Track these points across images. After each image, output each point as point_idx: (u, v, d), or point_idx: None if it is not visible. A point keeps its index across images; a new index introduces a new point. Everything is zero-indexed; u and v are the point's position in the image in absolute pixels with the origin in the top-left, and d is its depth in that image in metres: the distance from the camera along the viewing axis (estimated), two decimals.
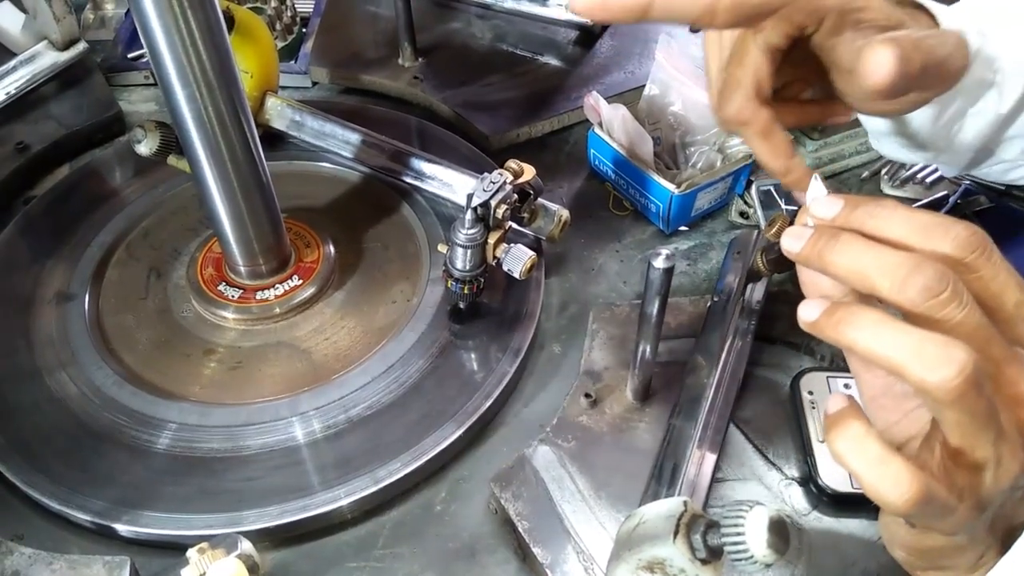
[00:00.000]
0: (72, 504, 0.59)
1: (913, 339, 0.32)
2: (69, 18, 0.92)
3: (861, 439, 0.33)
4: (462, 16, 1.05)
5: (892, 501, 0.32)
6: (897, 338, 0.32)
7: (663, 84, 0.82)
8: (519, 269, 0.66)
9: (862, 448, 0.33)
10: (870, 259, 0.34)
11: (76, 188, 0.84)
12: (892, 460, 0.33)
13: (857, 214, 0.36)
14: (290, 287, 0.73)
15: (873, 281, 0.34)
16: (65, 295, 0.74)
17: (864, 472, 0.33)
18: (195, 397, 0.67)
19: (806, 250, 0.37)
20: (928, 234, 0.34)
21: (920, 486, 0.32)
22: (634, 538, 0.44)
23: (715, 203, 0.82)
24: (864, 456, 0.33)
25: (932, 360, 0.31)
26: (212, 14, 0.56)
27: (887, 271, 0.33)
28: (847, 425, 0.34)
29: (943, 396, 0.31)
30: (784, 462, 0.62)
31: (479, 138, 0.90)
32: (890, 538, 0.40)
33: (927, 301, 0.32)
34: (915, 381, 0.31)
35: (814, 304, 0.35)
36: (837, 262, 0.35)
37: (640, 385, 0.63)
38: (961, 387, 0.31)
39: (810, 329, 0.35)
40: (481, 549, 0.59)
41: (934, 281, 0.32)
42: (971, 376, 0.31)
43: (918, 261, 0.33)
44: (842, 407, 0.35)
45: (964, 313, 0.33)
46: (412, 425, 0.64)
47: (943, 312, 0.32)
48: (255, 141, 0.64)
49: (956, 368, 0.30)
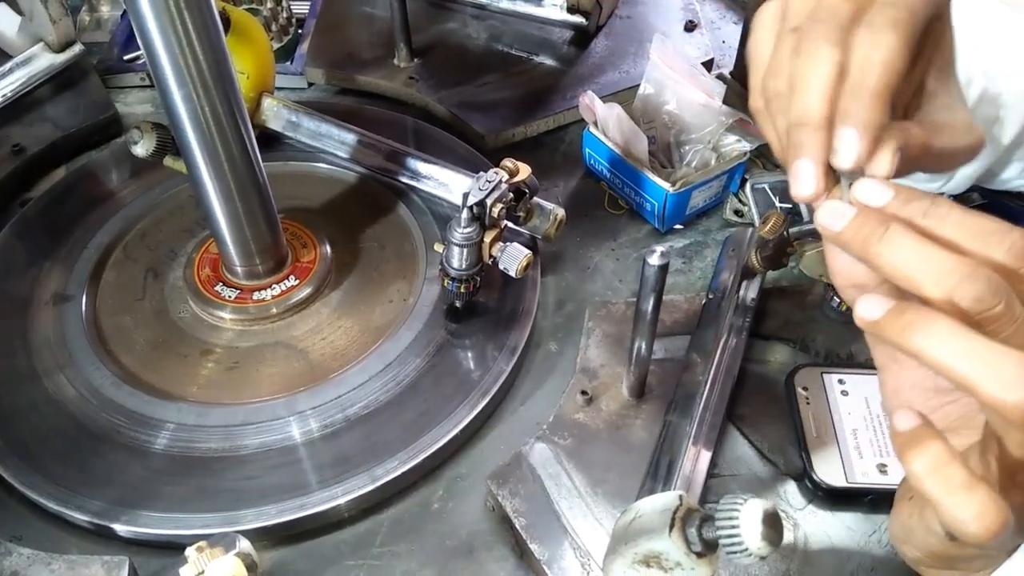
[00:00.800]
0: (70, 504, 0.59)
1: (989, 354, 0.30)
2: (65, 20, 0.92)
3: (945, 463, 0.31)
4: (457, 16, 1.06)
5: (974, 531, 0.31)
6: (971, 351, 0.30)
7: (658, 83, 0.82)
8: (515, 268, 0.66)
9: (946, 473, 0.31)
10: (921, 260, 0.31)
11: (73, 190, 0.85)
12: (978, 488, 0.31)
13: (909, 209, 0.33)
14: (287, 287, 0.73)
15: (921, 284, 0.31)
16: (62, 296, 0.74)
17: (946, 499, 0.31)
18: (193, 397, 0.67)
19: (848, 233, 0.33)
20: (983, 239, 0.32)
21: (1004, 516, 0.30)
22: (630, 532, 0.44)
23: (710, 201, 0.82)
24: (948, 482, 0.31)
25: (1009, 379, 0.29)
26: (208, 15, 0.56)
27: (938, 276, 0.31)
28: (926, 446, 0.32)
29: (1016, 417, 0.29)
30: (779, 457, 0.62)
31: (475, 138, 0.90)
32: (905, 537, 0.39)
33: (979, 313, 0.30)
34: (987, 399, 0.30)
35: (876, 301, 0.32)
36: (882, 254, 0.32)
37: (636, 382, 0.64)
38: None
39: (870, 327, 0.33)
40: (479, 546, 0.60)
41: (988, 293, 0.30)
42: None
43: (971, 269, 0.31)
44: (915, 425, 0.33)
45: (1014, 328, 0.31)
46: (409, 424, 0.64)
47: (994, 325, 0.31)
48: (251, 142, 0.65)
49: None
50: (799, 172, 0.35)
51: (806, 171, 0.35)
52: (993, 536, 0.31)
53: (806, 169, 0.35)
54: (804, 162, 0.35)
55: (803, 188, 0.36)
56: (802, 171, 0.35)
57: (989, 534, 0.31)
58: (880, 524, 0.58)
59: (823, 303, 0.71)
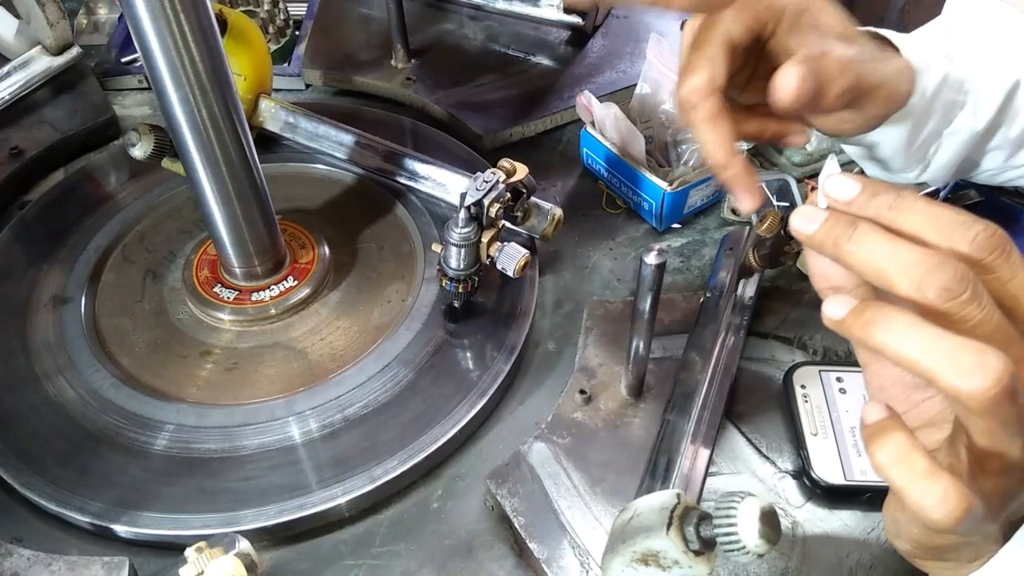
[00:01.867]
0: (70, 506, 0.60)
1: (947, 345, 0.30)
2: (62, 23, 0.92)
3: (907, 452, 0.32)
4: (454, 17, 1.06)
5: (938, 519, 0.31)
6: (930, 343, 0.30)
7: (654, 83, 0.82)
8: (513, 268, 0.66)
9: (908, 462, 0.32)
10: (888, 254, 0.33)
11: (71, 192, 0.85)
12: (940, 476, 0.31)
13: (876, 202, 0.35)
14: (285, 288, 0.73)
15: (890, 277, 0.32)
16: (61, 299, 0.74)
17: (909, 487, 0.32)
18: (192, 398, 0.67)
19: (820, 234, 0.35)
20: (947, 231, 0.33)
21: (967, 503, 0.31)
22: (628, 531, 0.44)
23: (707, 200, 0.82)
24: (910, 471, 0.32)
25: (967, 368, 0.30)
26: (205, 17, 0.56)
27: (906, 269, 0.32)
28: (889, 437, 0.33)
29: (976, 405, 0.30)
30: (777, 455, 0.62)
31: (472, 138, 0.90)
32: (896, 531, 0.40)
33: (946, 302, 0.31)
34: (947, 388, 0.30)
35: (840, 301, 0.33)
36: (853, 252, 0.34)
37: (634, 381, 0.64)
38: (996, 397, 0.29)
39: (836, 327, 0.34)
40: (478, 545, 0.60)
41: (954, 282, 0.31)
42: (1007, 385, 0.29)
43: (938, 260, 0.31)
44: (881, 417, 0.34)
45: (983, 314, 0.31)
46: (408, 424, 0.64)
47: (962, 313, 0.31)
48: (249, 143, 0.65)
49: (992, 377, 0.29)
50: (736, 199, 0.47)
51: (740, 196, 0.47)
52: (956, 522, 0.31)
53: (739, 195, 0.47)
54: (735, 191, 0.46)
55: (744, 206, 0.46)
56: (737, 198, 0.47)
57: (952, 520, 0.31)
58: (878, 522, 0.59)
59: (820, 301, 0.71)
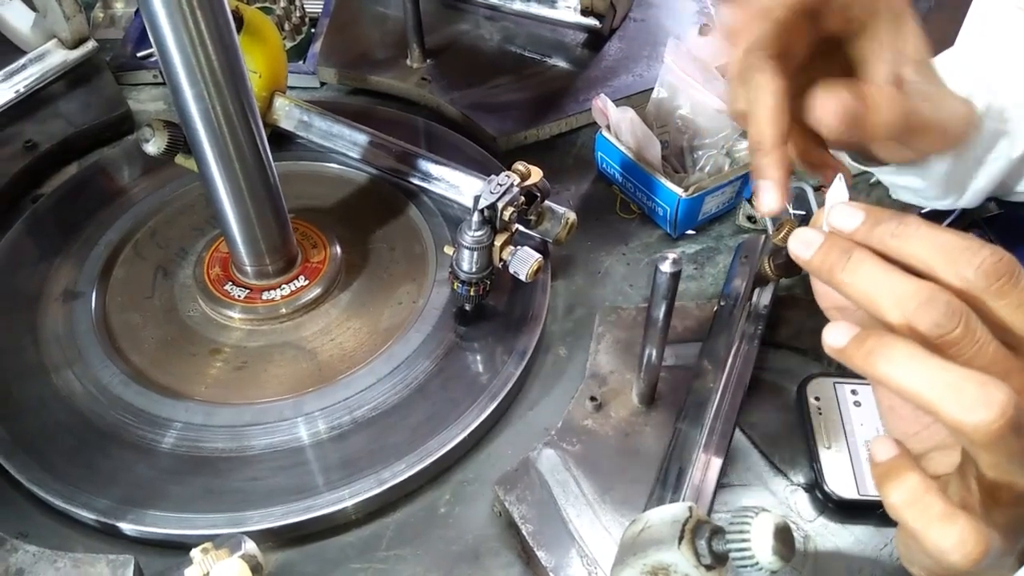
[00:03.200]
0: (77, 502, 0.59)
1: (950, 377, 0.30)
2: (79, 17, 0.92)
3: (921, 494, 0.32)
4: (470, 18, 1.05)
5: (956, 561, 0.31)
6: (932, 375, 0.30)
7: (671, 87, 0.81)
8: (525, 271, 0.66)
9: (923, 504, 0.32)
10: (881, 284, 0.32)
11: (84, 186, 0.85)
12: (956, 518, 0.31)
13: (878, 232, 0.34)
14: (296, 287, 0.73)
15: (882, 309, 0.32)
16: (72, 293, 0.74)
17: (926, 530, 0.31)
18: (201, 396, 0.67)
19: (816, 260, 0.35)
20: (952, 258, 0.32)
21: (984, 544, 0.31)
22: (639, 543, 0.43)
23: (723, 207, 0.81)
24: (926, 513, 0.32)
25: (970, 401, 0.29)
26: (221, 14, 0.56)
27: (897, 301, 0.32)
28: (903, 478, 0.32)
29: (981, 439, 0.29)
30: (790, 468, 0.62)
31: (486, 140, 0.90)
32: (909, 557, 0.39)
33: (937, 337, 0.31)
34: (951, 422, 0.30)
35: (841, 329, 0.33)
36: (846, 281, 0.34)
37: (646, 389, 0.63)
38: (1000, 430, 0.29)
39: (837, 356, 0.33)
40: (485, 552, 0.59)
41: (944, 318, 0.31)
42: (1011, 419, 0.29)
43: (930, 294, 0.31)
44: (892, 456, 0.33)
45: (976, 349, 0.31)
46: (417, 427, 0.64)
47: (953, 349, 0.31)
48: (263, 141, 0.64)
49: (996, 411, 0.29)
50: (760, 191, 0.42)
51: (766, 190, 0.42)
52: (975, 563, 0.31)
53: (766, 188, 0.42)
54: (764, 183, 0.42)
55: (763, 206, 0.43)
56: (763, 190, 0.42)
57: (970, 562, 0.31)
58: (891, 537, 0.58)
59: None
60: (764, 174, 0.42)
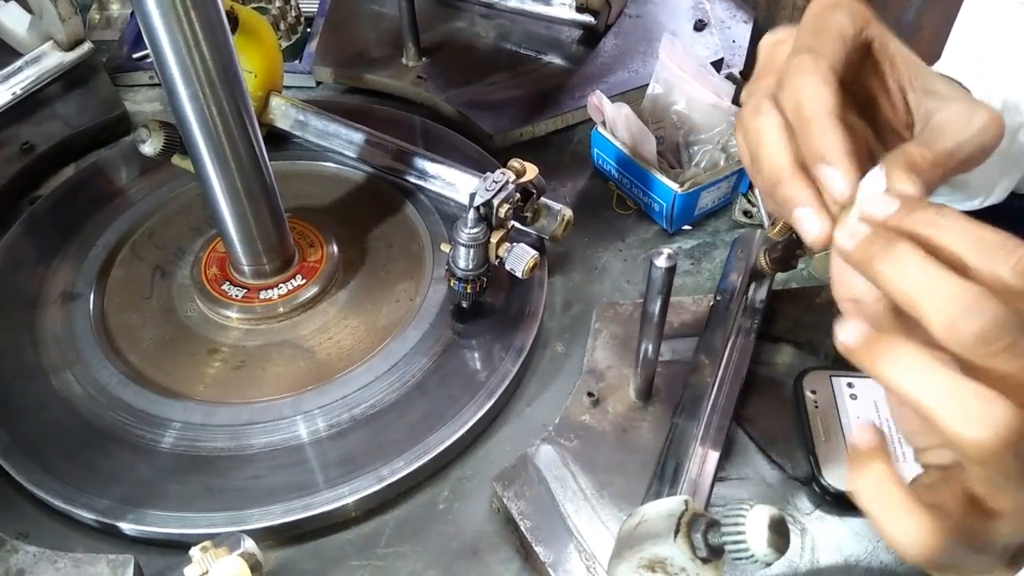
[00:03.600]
0: (77, 503, 0.60)
1: (954, 388, 0.29)
2: (74, 18, 0.92)
3: (884, 483, 0.32)
4: (466, 15, 1.05)
5: (909, 554, 0.31)
6: (937, 384, 0.29)
7: (667, 83, 0.81)
8: (522, 268, 0.66)
9: (884, 493, 0.31)
10: (925, 282, 0.30)
11: (81, 188, 0.85)
12: (914, 511, 0.31)
13: (913, 218, 0.32)
14: (294, 286, 0.73)
15: (923, 310, 0.30)
16: (70, 294, 0.74)
17: (882, 519, 0.31)
18: (199, 396, 0.67)
19: (858, 252, 0.33)
20: (988, 254, 0.30)
21: (940, 543, 0.30)
22: (635, 537, 0.44)
23: (718, 202, 0.81)
24: (884, 502, 0.31)
25: (971, 416, 0.28)
26: (215, 14, 0.56)
27: (941, 303, 0.29)
28: (869, 466, 0.32)
29: (975, 455, 0.29)
30: (787, 461, 0.62)
31: (482, 137, 0.90)
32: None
33: (980, 348, 0.29)
34: (948, 434, 0.29)
35: (855, 328, 0.32)
36: (887, 274, 0.31)
37: (643, 384, 0.63)
38: (996, 448, 0.28)
39: (846, 355, 0.32)
40: (484, 548, 0.59)
41: (992, 327, 0.29)
42: (1009, 439, 0.28)
43: (978, 299, 0.29)
44: (868, 445, 0.33)
45: (1016, 366, 0.29)
46: (415, 424, 0.64)
47: (992, 362, 0.29)
48: (259, 141, 0.65)
49: (994, 430, 0.28)
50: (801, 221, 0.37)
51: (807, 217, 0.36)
52: (928, 561, 0.31)
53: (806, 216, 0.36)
54: (800, 211, 0.36)
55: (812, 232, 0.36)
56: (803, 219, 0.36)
57: (922, 559, 0.31)
58: None
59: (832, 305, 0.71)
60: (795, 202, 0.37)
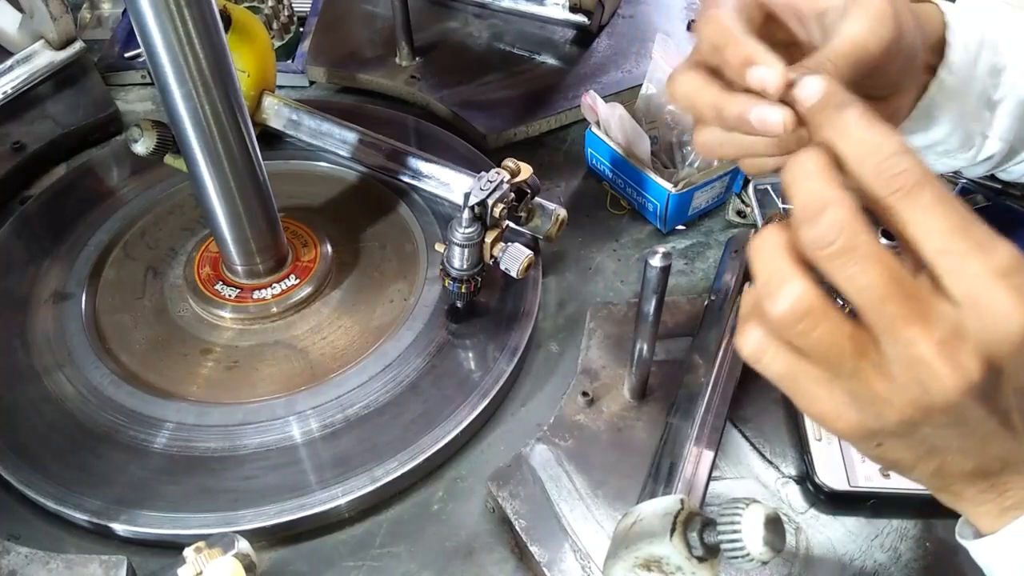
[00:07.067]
0: (69, 503, 0.59)
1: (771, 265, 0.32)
2: (66, 17, 0.91)
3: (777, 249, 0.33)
4: (459, 15, 1.05)
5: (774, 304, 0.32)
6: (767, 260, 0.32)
7: (660, 83, 0.82)
8: (516, 268, 0.66)
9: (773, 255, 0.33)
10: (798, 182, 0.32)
11: (73, 187, 0.84)
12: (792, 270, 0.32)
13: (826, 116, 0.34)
14: (287, 286, 0.73)
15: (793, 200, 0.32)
16: (62, 295, 0.73)
17: (759, 266, 0.33)
18: (192, 396, 0.67)
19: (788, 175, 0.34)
20: (862, 155, 0.32)
21: (806, 299, 0.31)
22: (631, 536, 0.44)
23: (712, 202, 0.82)
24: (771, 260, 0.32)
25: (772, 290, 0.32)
26: (208, 13, 0.56)
27: (800, 204, 0.32)
28: (770, 233, 0.33)
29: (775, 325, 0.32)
30: (781, 460, 0.62)
31: (476, 137, 0.90)
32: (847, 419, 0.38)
33: (819, 250, 0.31)
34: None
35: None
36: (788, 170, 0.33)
37: (637, 384, 0.63)
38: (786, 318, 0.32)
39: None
40: (478, 548, 0.59)
41: (829, 230, 0.31)
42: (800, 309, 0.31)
43: (825, 204, 0.31)
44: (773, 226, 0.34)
45: (859, 268, 0.31)
46: (409, 424, 0.64)
47: (833, 263, 0.31)
48: (252, 140, 0.64)
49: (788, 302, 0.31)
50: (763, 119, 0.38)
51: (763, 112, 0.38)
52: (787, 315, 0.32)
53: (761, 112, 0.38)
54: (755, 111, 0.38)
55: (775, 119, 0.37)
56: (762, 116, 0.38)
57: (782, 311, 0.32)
58: (882, 528, 0.58)
59: None
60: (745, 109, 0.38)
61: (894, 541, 0.58)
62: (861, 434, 0.34)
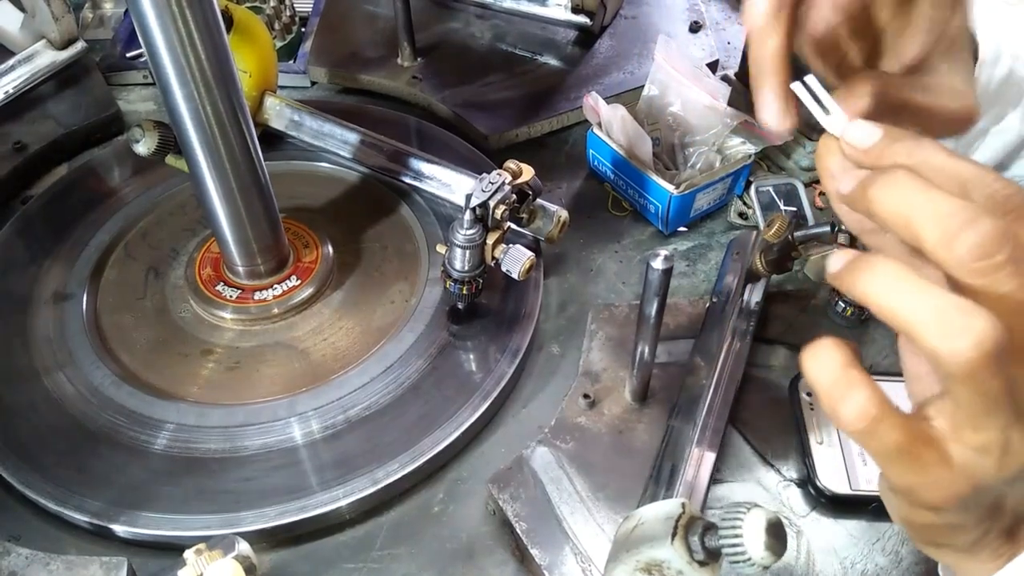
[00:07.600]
0: (69, 505, 0.59)
1: (935, 299, 0.27)
2: (68, 17, 0.91)
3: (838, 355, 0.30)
4: (461, 16, 1.05)
5: (844, 421, 0.30)
6: (917, 295, 0.28)
7: (662, 84, 0.81)
8: (518, 270, 0.66)
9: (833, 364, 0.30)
10: (921, 201, 0.29)
11: (74, 188, 0.84)
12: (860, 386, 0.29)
13: (894, 150, 0.32)
14: (288, 287, 0.73)
15: (918, 229, 0.28)
16: (63, 295, 0.73)
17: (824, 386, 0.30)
18: (193, 397, 0.67)
19: (856, 190, 0.31)
20: (964, 185, 0.30)
21: (873, 410, 0.29)
22: (632, 540, 0.44)
23: (714, 204, 0.81)
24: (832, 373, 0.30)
25: (951, 326, 0.27)
26: (210, 13, 0.55)
27: (937, 218, 0.28)
28: (829, 349, 0.30)
29: (955, 369, 0.27)
30: (783, 463, 0.62)
31: (478, 138, 0.89)
32: (888, 506, 0.38)
33: (976, 261, 0.27)
34: (927, 347, 0.28)
35: (840, 256, 0.31)
36: (881, 199, 0.30)
37: (639, 386, 0.63)
38: (976, 361, 0.27)
39: (832, 281, 0.31)
40: (479, 550, 0.59)
41: (990, 239, 0.27)
42: (990, 352, 0.27)
43: (976, 213, 0.27)
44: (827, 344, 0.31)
45: (1015, 285, 0.27)
46: (410, 426, 0.64)
47: (990, 278, 0.28)
48: (253, 141, 0.64)
49: (975, 341, 0.27)
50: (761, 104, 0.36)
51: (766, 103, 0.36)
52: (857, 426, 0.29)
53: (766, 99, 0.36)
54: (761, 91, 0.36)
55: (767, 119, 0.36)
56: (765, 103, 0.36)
57: (857, 425, 0.29)
58: (884, 532, 0.58)
59: (828, 307, 0.71)
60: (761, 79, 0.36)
61: (896, 544, 0.58)
62: None
